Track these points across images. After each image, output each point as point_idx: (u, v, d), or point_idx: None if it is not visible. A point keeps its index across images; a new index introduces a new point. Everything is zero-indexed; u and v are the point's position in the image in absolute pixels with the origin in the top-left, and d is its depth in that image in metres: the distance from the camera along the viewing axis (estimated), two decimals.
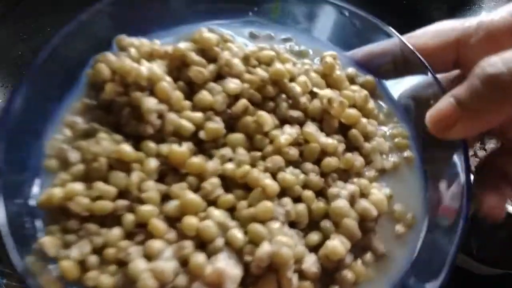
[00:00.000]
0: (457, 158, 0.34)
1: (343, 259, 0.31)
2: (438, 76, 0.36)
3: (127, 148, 0.32)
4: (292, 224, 0.32)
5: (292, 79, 0.36)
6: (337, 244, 0.30)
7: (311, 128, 0.34)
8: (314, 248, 0.32)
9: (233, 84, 0.35)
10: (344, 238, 0.31)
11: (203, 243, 0.30)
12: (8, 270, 0.58)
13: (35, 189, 0.32)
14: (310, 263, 0.30)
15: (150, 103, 0.33)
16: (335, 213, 0.32)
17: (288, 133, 0.34)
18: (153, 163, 0.32)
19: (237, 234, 0.30)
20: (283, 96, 0.36)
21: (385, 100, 0.39)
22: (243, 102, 0.34)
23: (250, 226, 0.30)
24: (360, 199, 0.33)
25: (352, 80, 0.39)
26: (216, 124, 0.34)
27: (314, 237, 0.32)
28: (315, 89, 0.35)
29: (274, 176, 0.32)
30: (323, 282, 0.31)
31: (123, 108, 0.34)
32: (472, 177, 0.35)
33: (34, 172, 0.33)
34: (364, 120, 0.36)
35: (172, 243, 0.30)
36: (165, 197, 0.32)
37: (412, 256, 0.33)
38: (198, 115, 0.34)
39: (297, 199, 0.33)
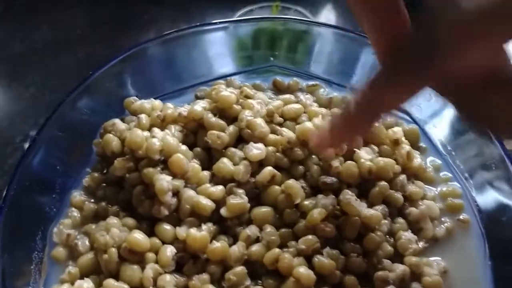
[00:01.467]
0: None
1: None
2: None
3: (139, 236, 0.27)
4: None
5: None
6: None
7: (348, 197, 0.28)
8: None
9: (256, 150, 0.29)
10: None
11: None
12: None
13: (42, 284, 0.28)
14: None
15: (163, 181, 0.28)
16: None
17: (322, 205, 0.28)
18: (169, 251, 0.27)
19: None
20: (313, 157, 0.30)
21: (430, 152, 0.33)
22: (268, 170, 0.29)
23: None
24: (412, 283, 0.27)
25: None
26: (239, 200, 0.28)
27: None
28: (356, 150, 0.30)
29: (308, 258, 0.27)
30: None
31: (135, 185, 0.29)
32: None
33: (39, 265, 0.29)
34: (409, 182, 0.30)
35: None
36: None
37: None
38: (218, 189, 0.29)
39: (337, 286, 0.27)
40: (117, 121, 0.32)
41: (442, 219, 0.31)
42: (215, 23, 0.37)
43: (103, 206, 0.30)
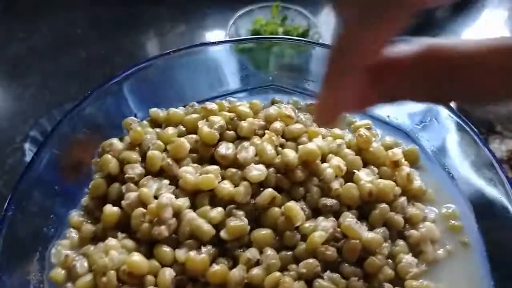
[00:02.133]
0: None
1: None
2: None
3: (138, 259, 0.26)
4: None
5: (323, 158, 0.31)
6: None
7: (349, 220, 0.28)
8: None
9: (257, 171, 0.29)
10: None
11: None
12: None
13: None
14: None
15: (164, 197, 0.27)
16: None
17: (322, 228, 0.28)
18: (168, 274, 0.26)
19: None
20: (314, 179, 0.30)
21: (430, 172, 0.33)
22: (269, 192, 0.29)
23: None
24: None
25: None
26: (239, 222, 0.28)
27: None
28: (355, 172, 0.29)
29: (309, 282, 0.27)
30: None
31: (134, 206, 0.28)
32: None
33: (38, 286, 0.28)
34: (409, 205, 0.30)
35: None
36: None
37: None
38: (218, 212, 0.28)
39: None
40: (115, 141, 0.31)
41: (443, 241, 0.30)
42: (214, 43, 0.37)
43: (101, 228, 0.29)
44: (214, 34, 0.92)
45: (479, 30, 0.83)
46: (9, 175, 0.70)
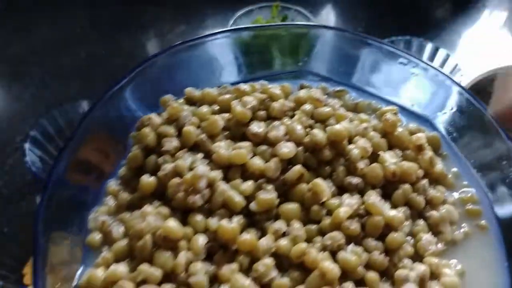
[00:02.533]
0: None
1: None
2: None
3: (173, 224, 0.28)
4: None
5: (350, 139, 0.32)
6: None
7: (373, 197, 0.29)
8: None
9: (286, 148, 0.30)
10: None
11: None
12: (5, 272, 0.56)
13: (77, 268, 0.29)
14: None
15: (200, 170, 0.29)
16: None
17: (347, 204, 0.29)
18: (201, 240, 0.28)
19: None
20: (340, 159, 0.31)
21: (450, 159, 0.34)
22: (298, 168, 0.30)
23: None
24: (430, 282, 0.28)
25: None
26: (269, 195, 0.29)
27: None
28: (380, 153, 0.31)
29: (333, 254, 0.28)
30: None
31: (170, 177, 0.30)
32: None
33: (76, 250, 0.30)
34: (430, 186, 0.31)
35: None
36: (214, 279, 0.27)
37: None
38: (249, 185, 0.30)
39: (359, 281, 0.28)
40: (153, 115, 0.33)
41: (461, 223, 0.31)
42: (242, 29, 0.38)
43: (137, 196, 0.31)
44: None
45: (479, 30, 0.83)
46: (9, 175, 0.70)
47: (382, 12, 0.85)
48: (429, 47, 0.73)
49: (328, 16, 0.95)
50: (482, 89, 0.50)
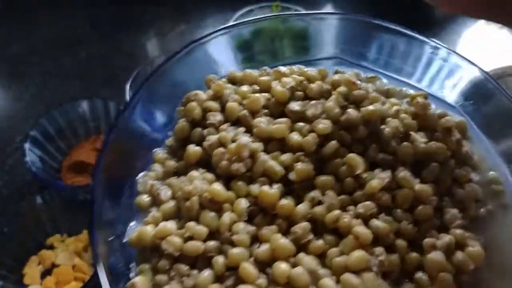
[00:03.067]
0: None
1: None
2: None
3: (219, 187, 0.30)
4: (384, 274, 0.29)
5: (382, 120, 0.34)
6: None
7: (404, 173, 0.31)
8: None
9: (323, 125, 0.32)
10: None
11: None
12: (5, 272, 0.57)
13: (127, 226, 0.31)
14: None
15: (243, 139, 0.31)
16: (432, 266, 0.28)
17: (380, 177, 0.31)
18: (243, 203, 0.30)
19: (330, 282, 0.27)
20: (373, 137, 0.33)
21: (476, 143, 0.36)
22: (333, 143, 0.32)
23: (344, 276, 0.27)
24: (456, 251, 0.29)
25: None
26: (306, 166, 0.31)
27: None
28: (411, 133, 0.33)
29: (365, 222, 0.30)
30: None
31: (215, 147, 0.32)
32: None
33: (126, 210, 0.32)
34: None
35: None
36: (255, 239, 0.30)
37: None
38: (288, 156, 0.32)
39: (388, 248, 0.30)
40: (199, 92, 0.35)
41: (485, 201, 0.33)
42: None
43: (183, 164, 0.33)
44: None
45: (479, 30, 0.84)
46: (9, 175, 0.70)
47: (382, 12, 0.86)
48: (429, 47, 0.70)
49: None
50: (480, 89, 0.50)
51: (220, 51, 0.40)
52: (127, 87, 0.72)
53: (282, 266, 0.27)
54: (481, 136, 0.36)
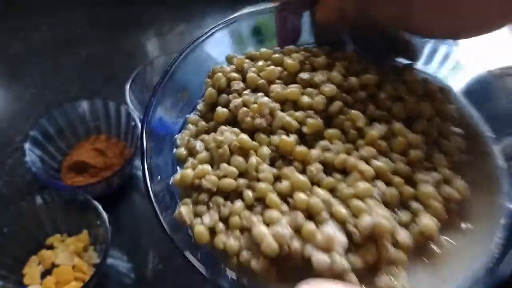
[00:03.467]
0: None
1: (434, 235, 0.33)
2: None
3: (245, 137, 0.36)
4: (384, 204, 0.35)
5: (378, 86, 0.40)
6: (430, 221, 0.33)
7: (398, 124, 0.37)
8: (404, 227, 0.34)
9: (329, 87, 0.39)
10: (433, 217, 0.34)
11: (310, 216, 0.33)
12: (5, 272, 0.58)
13: (171, 171, 0.37)
14: (405, 235, 0.33)
15: (265, 99, 0.37)
16: (424, 195, 0.34)
17: (378, 128, 0.37)
18: (266, 150, 0.36)
19: (341, 208, 0.33)
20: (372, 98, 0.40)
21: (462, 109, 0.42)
22: (338, 103, 0.38)
23: (352, 201, 0.33)
24: (444, 185, 0.35)
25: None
26: (316, 120, 0.37)
27: (406, 215, 0.34)
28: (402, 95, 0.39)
29: (367, 163, 0.36)
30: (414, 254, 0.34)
31: (239, 108, 0.38)
32: None
33: (169, 159, 0.38)
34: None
35: (285, 214, 0.33)
36: (277, 179, 0.35)
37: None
38: (301, 113, 0.38)
39: (387, 185, 0.35)
40: (224, 65, 0.42)
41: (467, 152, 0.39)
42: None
43: (213, 124, 0.39)
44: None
45: None
46: (9, 175, 0.71)
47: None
48: (428, 46, 0.71)
49: None
50: (480, 89, 0.50)
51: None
52: (127, 87, 0.73)
53: (301, 195, 0.33)
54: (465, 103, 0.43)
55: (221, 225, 0.33)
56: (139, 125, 0.66)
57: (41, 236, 0.63)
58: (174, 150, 0.39)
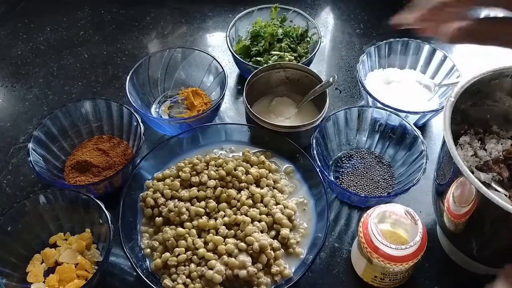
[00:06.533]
0: None
1: (289, 237, 0.64)
2: None
3: (180, 229, 0.63)
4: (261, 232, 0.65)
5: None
6: (284, 231, 0.64)
7: (252, 187, 0.68)
8: (274, 239, 0.65)
9: (212, 182, 0.67)
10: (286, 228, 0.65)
11: (230, 255, 0.62)
12: (9, 270, 0.57)
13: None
14: (277, 244, 0.63)
15: (181, 203, 0.65)
16: (277, 220, 0.65)
17: (244, 193, 0.67)
18: (193, 231, 0.63)
19: (242, 244, 0.62)
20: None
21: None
22: (219, 189, 0.67)
23: (246, 239, 0.62)
24: (283, 207, 0.67)
25: None
26: (213, 203, 0.66)
27: (272, 232, 0.65)
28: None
29: (246, 215, 0.65)
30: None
31: (168, 213, 0.65)
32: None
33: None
34: None
35: (218, 260, 0.61)
36: (205, 243, 0.63)
37: None
38: (202, 203, 0.66)
39: (259, 221, 0.65)
40: (149, 191, 0.68)
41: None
42: None
43: (156, 228, 0.66)
44: (214, 36, 0.92)
45: None
46: (13, 175, 0.70)
47: (381, 14, 0.89)
48: (426, 48, 0.75)
49: (327, 17, 0.95)
50: (479, 89, 0.54)
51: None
52: (127, 78, 0.73)
53: (221, 246, 0.61)
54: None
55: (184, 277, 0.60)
56: (141, 125, 0.69)
57: (44, 234, 0.61)
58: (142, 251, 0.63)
